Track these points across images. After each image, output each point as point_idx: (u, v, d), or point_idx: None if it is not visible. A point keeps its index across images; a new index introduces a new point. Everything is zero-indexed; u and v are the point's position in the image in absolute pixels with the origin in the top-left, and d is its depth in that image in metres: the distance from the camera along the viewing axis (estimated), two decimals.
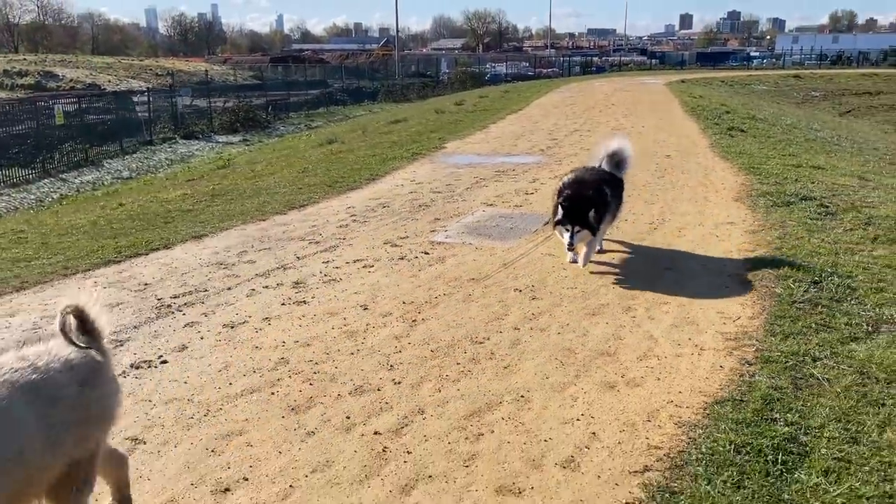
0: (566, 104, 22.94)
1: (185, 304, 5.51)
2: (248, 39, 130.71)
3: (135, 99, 32.80)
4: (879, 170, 11.89)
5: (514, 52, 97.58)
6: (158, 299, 5.62)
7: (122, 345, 4.77)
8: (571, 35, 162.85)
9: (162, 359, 4.54)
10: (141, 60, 69.61)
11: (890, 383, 4.02)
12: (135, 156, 27.61)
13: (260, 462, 3.40)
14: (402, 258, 6.61)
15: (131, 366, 4.44)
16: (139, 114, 31.50)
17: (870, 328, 4.78)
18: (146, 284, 5.99)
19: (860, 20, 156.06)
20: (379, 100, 47.10)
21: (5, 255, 7.28)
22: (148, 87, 38.02)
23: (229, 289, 5.85)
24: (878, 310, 5.06)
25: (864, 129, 23.28)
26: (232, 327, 5.04)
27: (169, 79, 45.94)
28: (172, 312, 5.34)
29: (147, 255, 6.86)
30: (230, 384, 4.18)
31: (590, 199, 5.87)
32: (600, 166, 6.66)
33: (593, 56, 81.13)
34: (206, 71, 47.10)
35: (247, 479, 3.27)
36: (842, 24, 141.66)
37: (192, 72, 55.22)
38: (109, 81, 52.03)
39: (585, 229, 5.84)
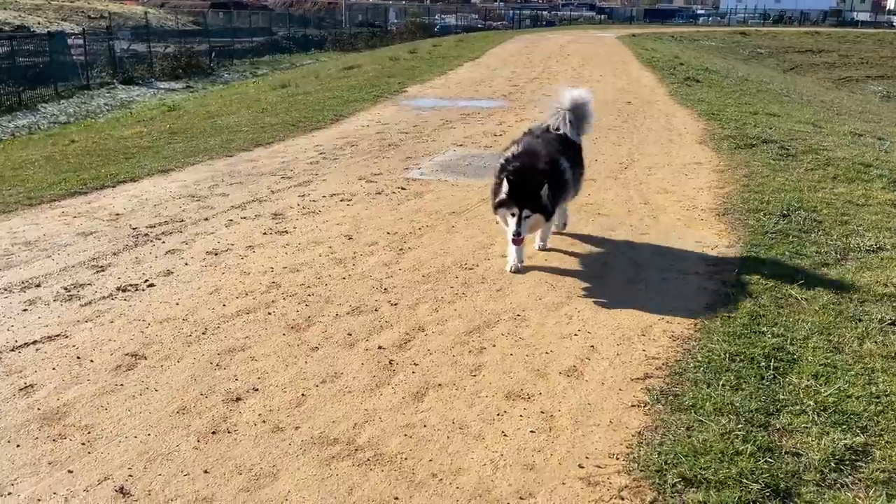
0: (522, 54, 22.84)
1: (163, 233, 5.38)
2: None
3: (69, 42, 31.17)
4: (829, 119, 12.31)
5: (462, 3, 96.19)
6: (133, 228, 5.47)
7: (103, 270, 4.63)
8: None
9: (148, 282, 4.44)
10: (72, 2, 65.90)
11: (863, 302, 4.24)
12: (71, 100, 26.38)
13: (268, 374, 3.39)
14: (379, 193, 6.56)
15: (117, 289, 4.33)
16: (75, 57, 30.00)
17: (838, 256, 5.01)
18: (118, 214, 5.81)
19: None
20: (326, 49, 45.96)
21: None
22: (83, 29, 36.19)
23: (206, 219, 5.72)
24: (844, 239, 5.29)
25: (808, 85, 23.98)
26: (216, 254, 4.95)
27: (103, 22, 43.76)
28: (151, 241, 5.21)
29: (114, 187, 6.64)
30: (224, 305, 4.13)
31: (544, 174, 4.50)
32: (555, 128, 5.15)
33: (543, 10, 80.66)
34: (146, 13, 45.04)
35: (257, 390, 3.26)
36: None
37: (127, 15, 52.63)
38: (39, 24, 49.14)
39: (538, 213, 4.45)
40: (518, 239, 4.50)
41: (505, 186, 4.42)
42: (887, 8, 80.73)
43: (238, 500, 2.55)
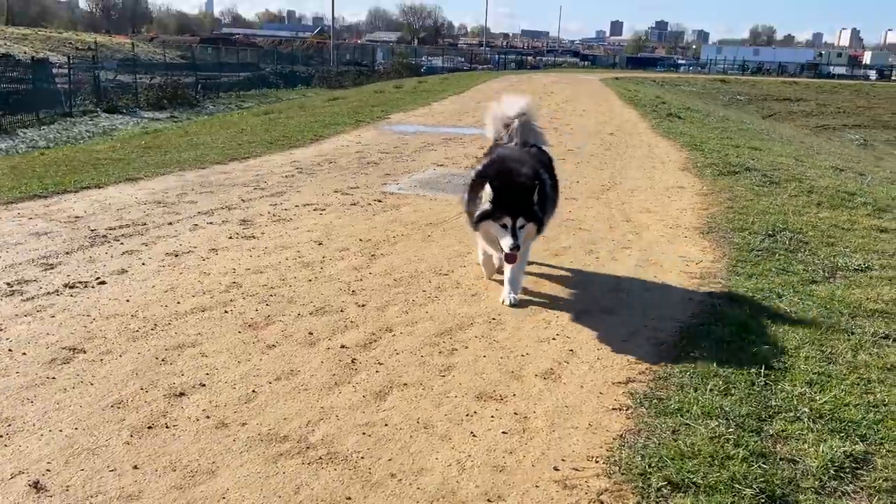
0: (507, 91, 22.94)
1: (123, 235, 5.09)
2: (176, 20, 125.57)
3: (54, 70, 30.98)
4: (810, 155, 12.32)
5: (449, 47, 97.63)
6: (92, 230, 5.18)
7: (52, 268, 4.33)
8: (506, 35, 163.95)
9: (100, 280, 4.14)
10: (60, 33, 65.97)
11: (855, 317, 4.03)
12: (52, 126, 26.02)
13: (217, 370, 3.10)
14: (354, 204, 6.33)
15: (65, 285, 4.03)
16: (59, 85, 29.79)
17: (826, 274, 4.83)
18: (77, 217, 5.52)
19: (779, 36, 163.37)
20: (313, 85, 46.04)
21: None
22: (68, 57, 36.05)
23: (170, 224, 5.45)
24: (831, 259, 5.12)
25: (787, 129, 24.24)
26: (176, 255, 4.67)
27: (91, 53, 43.66)
28: (108, 242, 4.92)
29: (76, 192, 6.34)
30: (178, 303, 3.84)
31: (532, 178, 3.85)
32: (515, 142, 4.47)
33: (528, 55, 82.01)
34: (133, 44, 45.14)
35: (204, 385, 2.97)
36: (762, 38, 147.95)
37: (115, 48, 52.77)
38: (25, 53, 49.09)
39: (532, 222, 3.83)
40: (515, 254, 3.73)
41: (489, 194, 3.71)
42: (863, 62, 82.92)
43: (168, 498, 2.25)
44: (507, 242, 3.69)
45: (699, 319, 3.88)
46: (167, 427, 2.64)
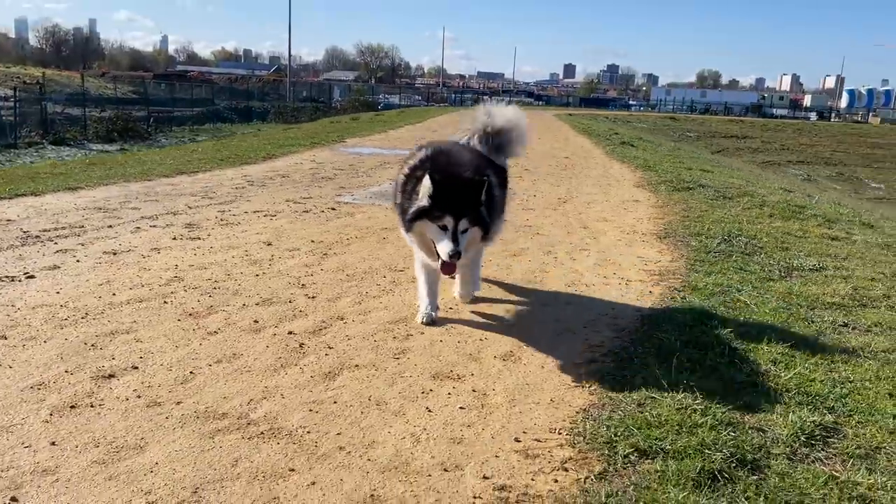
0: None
1: (58, 236, 4.82)
2: (129, 57, 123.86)
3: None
4: (760, 180, 12.59)
5: (406, 86, 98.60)
6: (24, 231, 4.89)
7: None
8: (462, 76, 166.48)
9: (28, 275, 3.87)
10: (8, 68, 64.57)
11: (813, 308, 4.00)
12: None
13: (152, 354, 2.87)
14: (306, 211, 6.15)
15: None
16: (4, 117, 29.00)
17: (783, 273, 4.82)
18: (9, 220, 5.22)
19: (724, 80, 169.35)
20: (269, 120, 45.73)
21: None
22: (14, 89, 35.17)
23: (110, 227, 5.18)
24: (787, 261, 5.12)
25: (736, 164, 24.91)
26: (114, 254, 4.42)
27: (38, 85, 42.74)
28: (42, 242, 4.64)
29: (11, 199, 6.03)
30: (114, 295, 3.60)
31: (481, 172, 3.24)
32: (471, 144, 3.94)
33: (484, 95, 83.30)
34: (83, 77, 44.34)
35: (136, 368, 2.74)
36: (708, 82, 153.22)
37: (65, 82, 51.76)
38: None
39: (478, 227, 3.16)
40: (454, 264, 3.08)
41: (427, 188, 3.04)
42: (804, 105, 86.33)
43: (89, 472, 2.02)
44: (445, 248, 3.01)
45: (660, 309, 3.79)
46: (92, 406, 2.41)
